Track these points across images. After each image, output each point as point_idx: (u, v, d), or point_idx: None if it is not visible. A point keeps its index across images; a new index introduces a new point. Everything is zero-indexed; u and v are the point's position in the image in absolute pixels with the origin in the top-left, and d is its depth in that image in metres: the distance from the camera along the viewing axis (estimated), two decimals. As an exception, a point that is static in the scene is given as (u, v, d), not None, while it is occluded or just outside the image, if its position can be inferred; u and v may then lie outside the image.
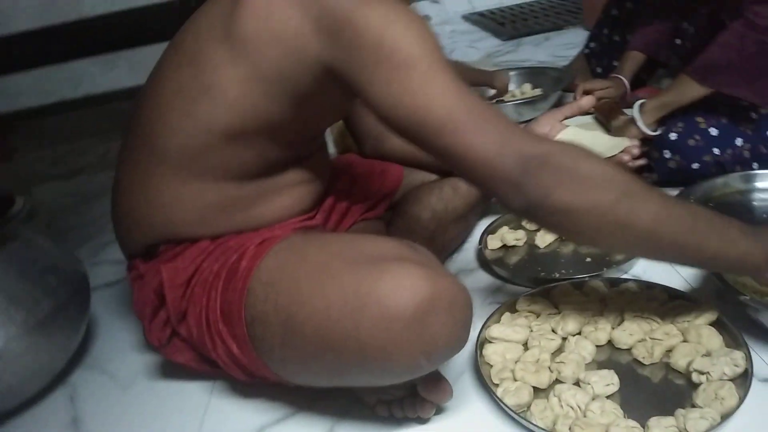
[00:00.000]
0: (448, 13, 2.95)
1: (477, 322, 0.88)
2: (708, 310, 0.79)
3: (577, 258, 1.02)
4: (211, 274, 0.77)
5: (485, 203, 1.14)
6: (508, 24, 2.62)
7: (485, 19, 2.73)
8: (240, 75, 0.71)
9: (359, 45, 0.65)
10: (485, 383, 0.77)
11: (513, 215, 1.11)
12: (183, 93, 0.75)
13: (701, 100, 1.11)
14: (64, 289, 0.91)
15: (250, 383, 0.81)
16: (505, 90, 1.62)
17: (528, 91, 1.72)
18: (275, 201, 0.83)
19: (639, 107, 1.16)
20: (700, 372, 0.72)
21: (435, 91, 0.64)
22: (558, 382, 0.76)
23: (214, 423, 0.84)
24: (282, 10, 0.68)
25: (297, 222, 0.86)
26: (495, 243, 1.09)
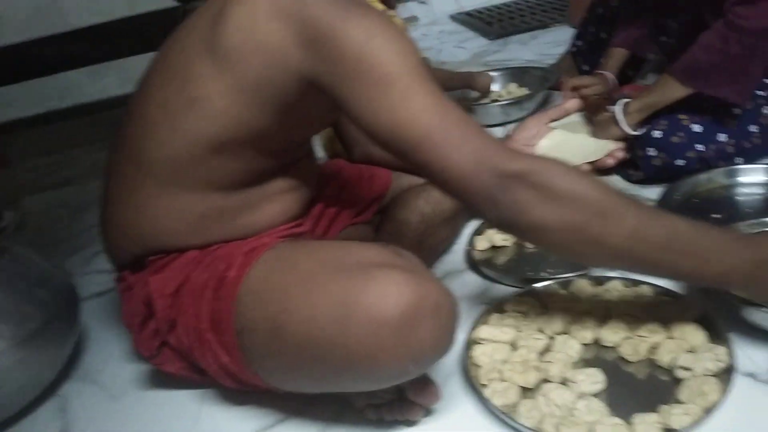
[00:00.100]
0: (435, 14, 2.95)
1: (466, 323, 0.89)
2: (692, 306, 0.80)
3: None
4: (200, 283, 0.77)
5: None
6: (495, 23, 2.63)
7: (473, 19, 2.74)
8: (225, 87, 0.71)
9: (340, 58, 0.66)
10: (474, 384, 0.78)
11: None
12: (168, 106, 0.75)
13: (684, 97, 1.12)
14: (53, 303, 0.92)
15: (240, 391, 0.81)
16: (487, 90, 1.62)
17: (514, 91, 1.73)
18: (263, 209, 0.83)
19: (623, 108, 1.17)
20: (683, 368, 0.72)
21: (414, 108, 0.65)
22: (545, 381, 0.77)
23: (205, 431, 0.84)
24: (265, 22, 0.69)
25: (285, 229, 0.86)
26: (483, 244, 1.10)
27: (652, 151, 1.12)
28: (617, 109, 1.16)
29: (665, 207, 1.06)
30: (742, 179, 1.11)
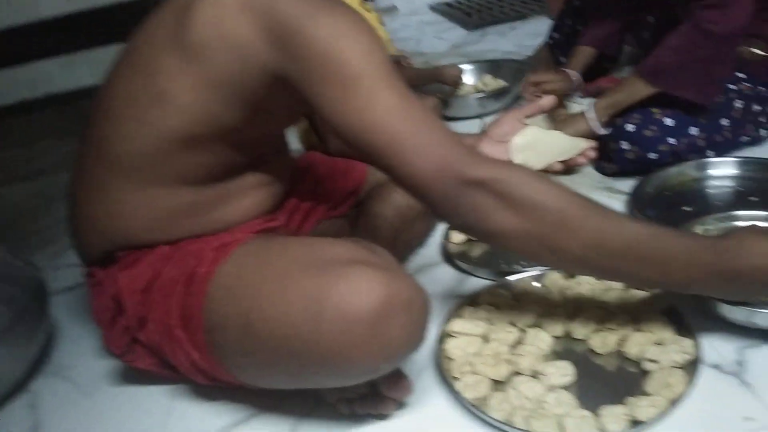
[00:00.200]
0: (415, 4, 2.94)
1: (440, 316, 0.89)
2: (661, 299, 0.81)
3: (538, 250, 1.04)
4: (170, 280, 0.76)
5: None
6: (474, 14, 2.63)
7: (452, 9, 2.73)
8: (191, 82, 0.70)
9: (307, 57, 0.65)
10: (446, 378, 0.78)
11: None
12: (135, 100, 0.74)
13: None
14: (20, 298, 0.90)
15: (212, 386, 0.81)
16: (457, 81, 1.61)
17: (489, 83, 1.73)
18: (234, 204, 0.82)
19: (592, 104, 1.18)
20: (651, 360, 0.74)
21: (379, 111, 0.65)
22: (517, 374, 0.78)
23: (176, 426, 0.83)
24: (232, 17, 0.68)
25: (258, 224, 0.85)
26: (458, 236, 1.10)
27: (625, 145, 1.13)
28: (587, 107, 1.18)
29: (637, 200, 1.08)
30: (712, 172, 1.12)
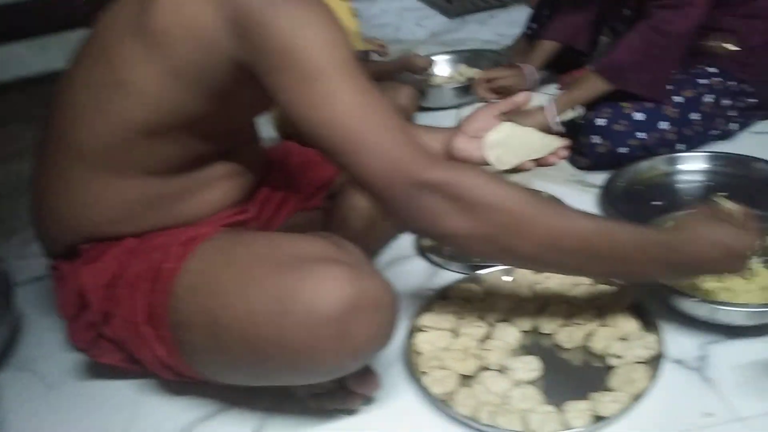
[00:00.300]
0: (396, -11, 2.91)
1: (411, 309, 0.89)
2: (626, 294, 0.82)
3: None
4: (135, 275, 0.75)
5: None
6: (455, 1, 2.61)
7: (434, -4, 2.71)
8: (153, 70, 0.69)
9: (268, 48, 0.64)
10: (413, 372, 0.78)
11: None
12: (97, 90, 0.72)
13: None
14: (-18, 290, 0.88)
15: (179, 382, 0.80)
16: (425, 67, 1.59)
17: (465, 72, 1.73)
18: (203, 195, 0.81)
19: (552, 100, 1.19)
20: (615, 356, 0.74)
21: (337, 107, 0.64)
22: (484, 369, 0.78)
23: (142, 421, 0.83)
24: (195, 4, 0.66)
25: (228, 216, 0.84)
26: (431, 229, 1.10)
27: (596, 139, 1.13)
28: (547, 103, 1.18)
29: (608, 193, 1.09)
30: (682, 167, 1.14)
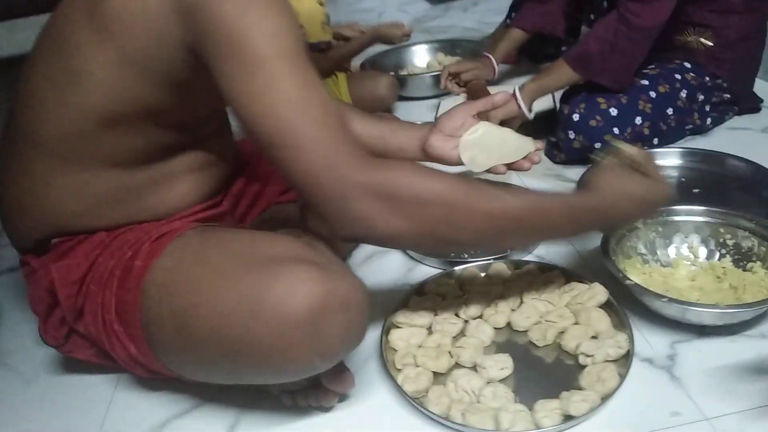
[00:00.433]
0: (379, -27, 2.89)
1: (388, 304, 0.90)
2: (599, 292, 0.83)
3: (486, 238, 1.05)
4: (106, 271, 0.74)
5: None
6: (439, -14, 2.59)
7: (416, -19, 2.69)
8: (107, 58, 0.67)
9: (211, 32, 0.62)
10: (388, 370, 0.79)
11: None
12: (53, 79, 0.71)
13: None
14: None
15: (152, 378, 0.80)
16: (399, 39, 1.58)
17: (443, 60, 1.72)
18: (172, 188, 0.80)
19: (519, 87, 1.19)
20: (585, 354, 0.75)
21: (275, 98, 0.62)
22: (458, 366, 0.79)
23: (117, 417, 0.83)
24: None
25: (200, 210, 0.83)
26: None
27: (571, 134, 1.14)
28: (516, 90, 1.18)
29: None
30: (657, 162, 1.14)
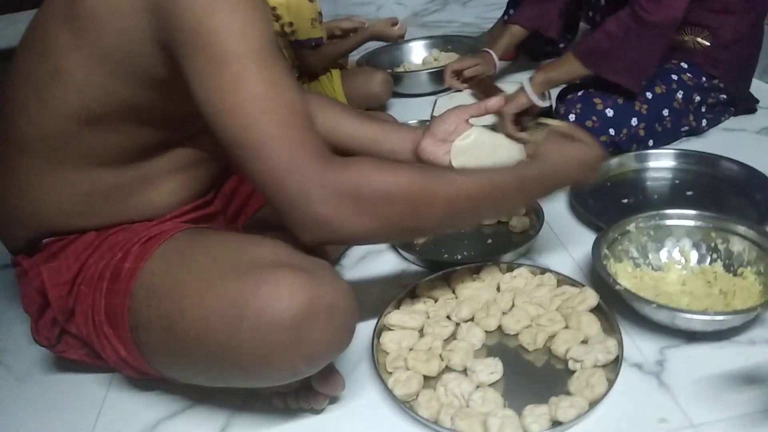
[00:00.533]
0: (378, -34, 2.87)
1: (380, 306, 0.90)
2: (590, 296, 0.83)
3: (479, 239, 1.05)
4: (96, 272, 0.74)
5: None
6: (437, -20, 2.57)
7: (414, -26, 2.67)
8: (83, 57, 0.67)
9: (180, 30, 0.62)
10: (378, 372, 0.79)
11: None
12: (32, 79, 0.71)
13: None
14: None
15: (143, 379, 0.80)
16: (396, 37, 1.60)
17: (439, 56, 1.72)
18: (161, 186, 0.79)
19: (528, 79, 1.19)
20: (575, 360, 0.76)
21: (241, 97, 0.61)
22: (448, 369, 0.79)
23: (110, 417, 0.83)
24: None
25: (190, 209, 0.83)
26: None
27: (568, 134, 1.13)
28: (525, 82, 1.19)
29: (579, 189, 1.09)
30: (651, 164, 1.15)
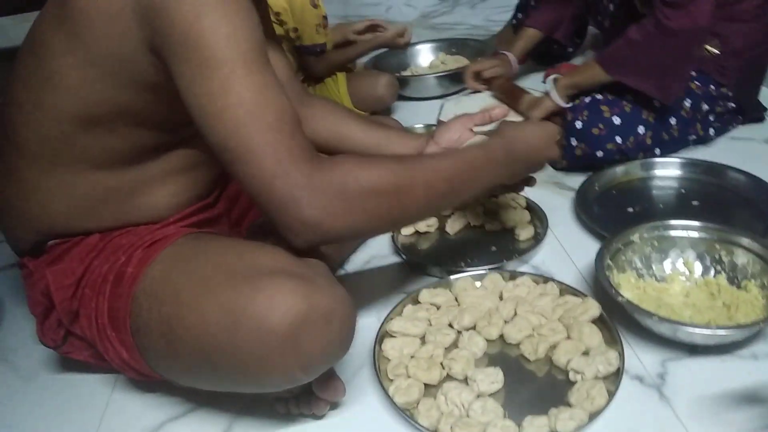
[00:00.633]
0: (387, -33, 2.87)
1: (383, 311, 0.91)
2: (592, 306, 0.83)
3: (484, 246, 1.05)
4: (100, 276, 0.75)
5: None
6: (446, -19, 2.57)
7: (425, -24, 2.67)
8: (77, 60, 0.67)
9: (169, 34, 0.62)
10: (379, 380, 0.79)
11: None
12: (29, 83, 0.72)
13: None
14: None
15: (145, 381, 0.81)
16: (403, 44, 1.61)
17: (445, 60, 1.71)
18: (160, 189, 0.80)
19: (553, 82, 1.19)
20: (575, 371, 0.76)
21: (229, 102, 0.62)
22: (449, 378, 0.79)
23: (114, 417, 0.84)
24: None
25: (194, 211, 0.84)
26: (407, 228, 1.11)
27: (573, 141, 1.13)
28: (549, 84, 1.19)
29: (584, 196, 1.09)
30: (657, 173, 1.14)
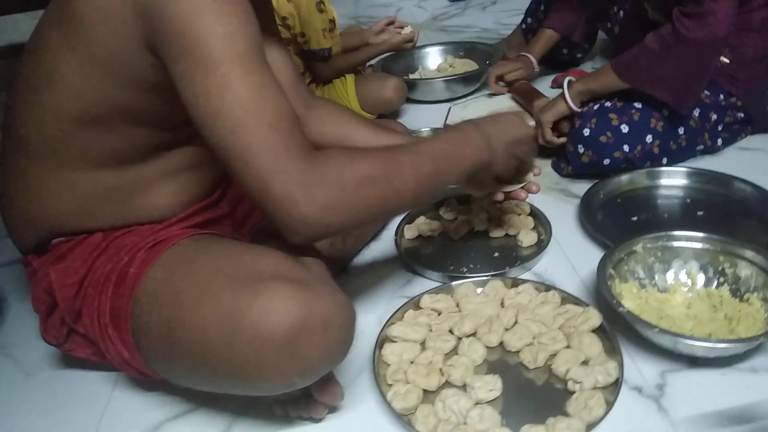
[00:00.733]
0: (399, -32, 2.87)
1: (384, 316, 0.91)
2: (593, 315, 0.83)
3: (486, 252, 1.05)
4: (103, 275, 0.76)
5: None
6: (457, -16, 2.57)
7: (436, -23, 2.66)
8: (76, 59, 0.68)
9: (166, 33, 0.63)
10: (378, 385, 0.79)
11: None
12: (30, 82, 0.72)
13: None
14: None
15: (146, 380, 0.82)
16: (411, 48, 1.63)
17: (454, 63, 1.71)
18: (161, 188, 0.80)
19: (567, 86, 1.19)
20: (574, 381, 0.75)
21: (227, 101, 0.62)
22: (448, 384, 0.79)
23: (114, 415, 0.85)
24: None
25: (196, 210, 0.84)
26: (411, 233, 1.11)
27: (580, 148, 1.13)
28: (564, 87, 1.19)
29: (588, 204, 1.09)
30: (663, 182, 1.13)
